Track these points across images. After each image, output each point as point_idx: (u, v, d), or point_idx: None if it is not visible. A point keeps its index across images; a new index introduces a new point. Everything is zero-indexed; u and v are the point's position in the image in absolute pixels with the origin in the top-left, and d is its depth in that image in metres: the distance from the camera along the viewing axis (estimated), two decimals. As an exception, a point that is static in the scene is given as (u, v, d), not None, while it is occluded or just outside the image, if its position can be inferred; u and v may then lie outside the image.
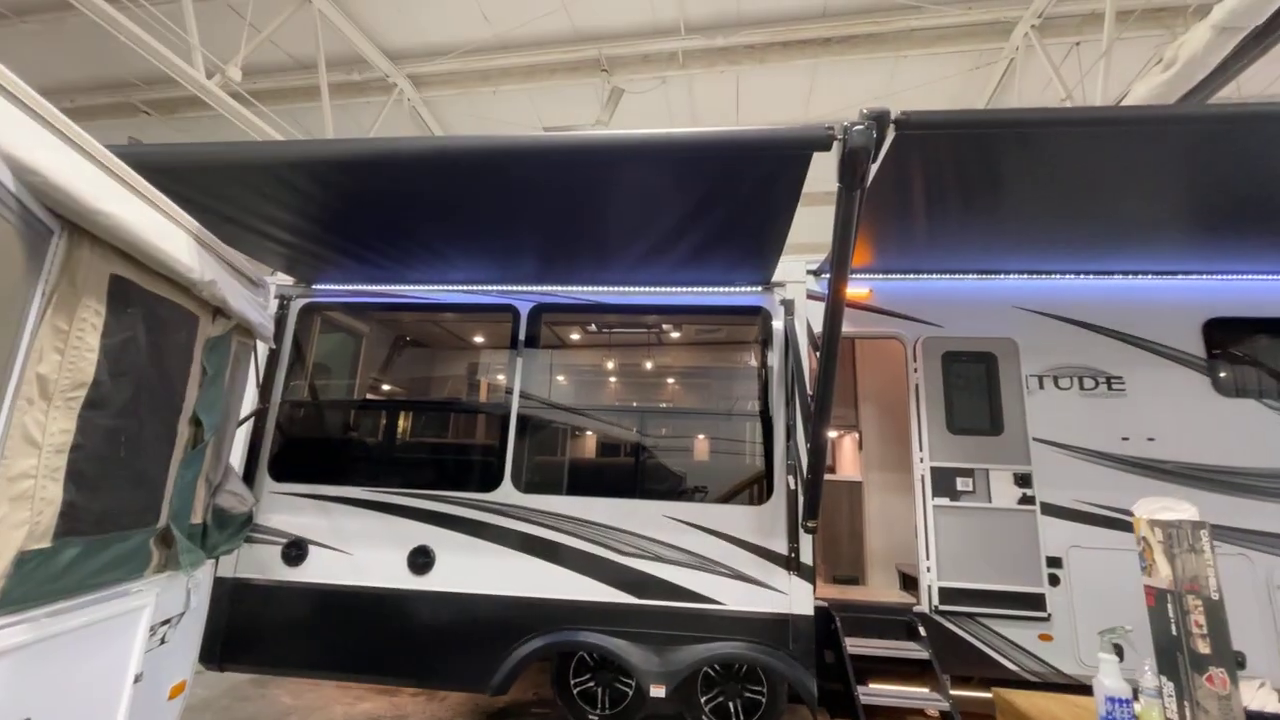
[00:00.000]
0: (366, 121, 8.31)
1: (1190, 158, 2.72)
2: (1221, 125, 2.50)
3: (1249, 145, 2.60)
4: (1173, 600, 1.59)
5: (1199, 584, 1.58)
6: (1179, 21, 5.86)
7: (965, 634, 3.73)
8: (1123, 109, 3.06)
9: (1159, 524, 1.68)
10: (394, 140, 2.55)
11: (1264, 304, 4.04)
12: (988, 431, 4.04)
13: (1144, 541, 1.75)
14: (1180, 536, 1.63)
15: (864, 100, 7.68)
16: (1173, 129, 2.53)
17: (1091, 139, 2.56)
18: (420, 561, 3.63)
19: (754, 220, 2.92)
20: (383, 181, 2.79)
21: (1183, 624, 1.56)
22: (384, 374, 4.74)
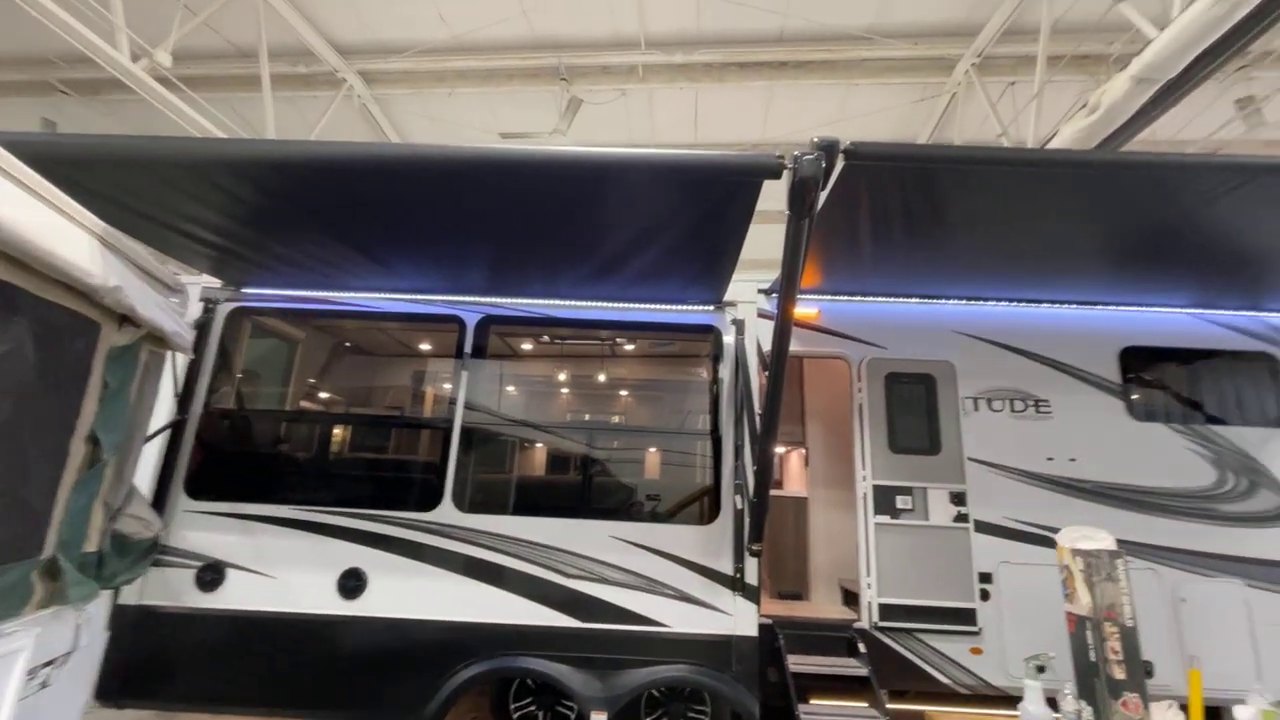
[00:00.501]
0: (313, 116, 7.96)
1: (1107, 199, 2.90)
2: (1129, 171, 2.67)
3: (1156, 190, 2.78)
4: (1091, 627, 1.65)
5: (1116, 611, 1.64)
6: (1102, 69, 6.31)
7: (902, 649, 3.81)
8: (1047, 152, 3.24)
9: (1080, 553, 1.74)
10: (336, 145, 2.42)
11: (1172, 335, 4.35)
12: (927, 451, 4.17)
13: (1066, 569, 1.81)
14: (1099, 565, 1.69)
15: (818, 123, 7.96)
16: (1090, 173, 2.69)
17: (1021, 178, 2.69)
18: (351, 585, 3.43)
19: (706, 241, 2.93)
20: (323, 187, 2.64)
21: (1100, 650, 1.61)
22: (319, 383, 4.50)
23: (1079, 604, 1.69)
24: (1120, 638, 1.61)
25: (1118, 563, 1.67)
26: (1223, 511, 3.99)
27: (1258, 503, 3.99)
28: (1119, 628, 1.61)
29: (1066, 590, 1.78)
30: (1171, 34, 3.84)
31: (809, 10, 6.31)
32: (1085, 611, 1.66)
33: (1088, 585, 1.67)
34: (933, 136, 7.86)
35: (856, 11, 6.31)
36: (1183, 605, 3.84)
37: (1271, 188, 2.60)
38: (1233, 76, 6.13)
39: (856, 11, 6.31)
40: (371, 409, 4.28)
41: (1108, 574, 1.66)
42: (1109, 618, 1.62)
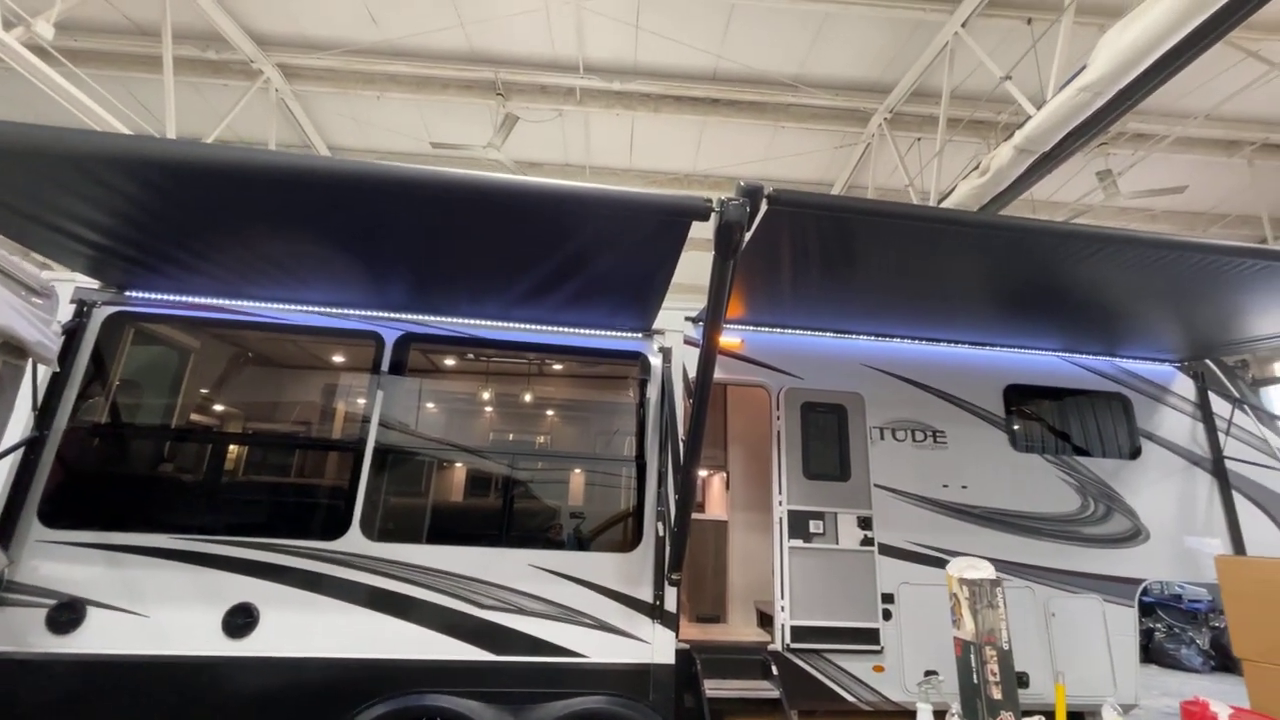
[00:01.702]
0: (222, 105, 7.42)
1: (990, 254, 3.24)
2: (1006, 233, 3.00)
3: (1028, 250, 3.14)
4: (974, 651, 1.79)
5: (995, 636, 1.79)
6: (992, 135, 7.09)
7: (812, 669, 3.96)
8: (942, 211, 3.60)
9: (967, 582, 1.89)
10: (244, 152, 2.24)
11: (1045, 375, 4.88)
12: (837, 477, 4.40)
13: (954, 597, 1.95)
14: (981, 594, 1.84)
15: (747, 159, 8.36)
16: (974, 232, 2.99)
17: (920, 231, 2.95)
18: (240, 622, 3.12)
19: (636, 272, 2.98)
20: (227, 194, 2.45)
21: (981, 672, 1.76)
22: (213, 398, 4.11)
23: (965, 629, 1.84)
24: (998, 660, 1.76)
25: (997, 590, 1.84)
26: (1085, 534, 4.48)
27: (1113, 526, 4.53)
28: (997, 651, 1.77)
29: (954, 617, 1.93)
30: (1046, 113, 4.40)
31: (740, 54, 6.65)
32: (969, 636, 1.81)
33: (972, 612, 1.82)
34: (850, 180, 8.46)
35: (784, 60, 6.73)
36: (1053, 619, 4.27)
37: (1117, 256, 3.01)
38: (1095, 152, 7.07)
39: (784, 60, 6.73)
40: (273, 427, 3.94)
41: (989, 601, 1.82)
42: (989, 642, 1.78)
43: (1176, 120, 6.92)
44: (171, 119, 6.30)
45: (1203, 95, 6.54)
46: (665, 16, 6.23)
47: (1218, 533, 4.68)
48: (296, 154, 2.20)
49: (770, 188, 2.52)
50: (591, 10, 6.20)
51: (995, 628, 1.79)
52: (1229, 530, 4.65)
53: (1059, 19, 4.87)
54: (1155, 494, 4.67)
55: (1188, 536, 4.65)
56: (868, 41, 6.41)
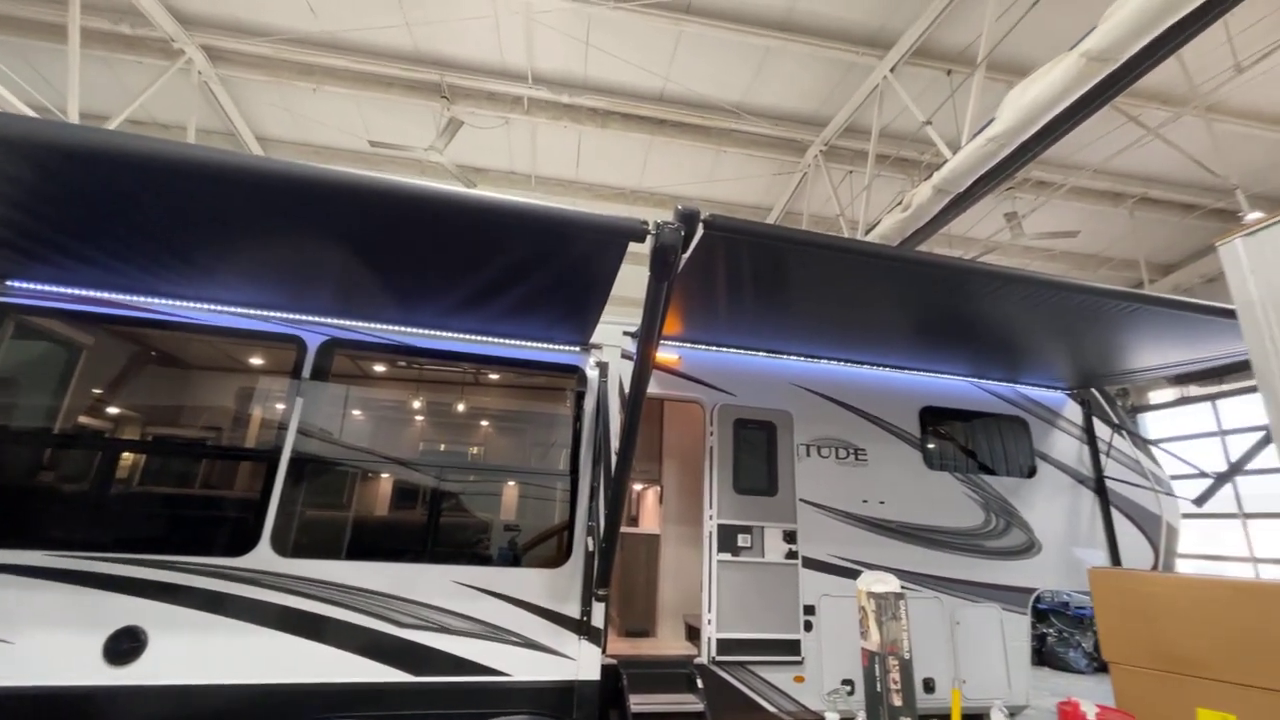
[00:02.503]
0: (135, 84, 6.90)
1: (908, 285, 3.48)
2: (920, 267, 3.24)
3: (940, 284, 3.40)
4: (879, 661, 1.90)
5: (897, 646, 1.91)
6: (916, 172, 7.62)
7: (737, 682, 4.04)
8: (864, 243, 3.84)
9: (874, 595, 2.00)
10: (159, 143, 2.08)
11: (956, 398, 5.25)
12: (765, 492, 4.54)
13: (863, 610, 2.06)
14: (887, 606, 1.96)
15: (692, 179, 8.58)
16: (892, 265, 3.22)
17: (845, 261, 3.14)
18: (125, 648, 2.85)
19: (574, 286, 3.00)
20: (136, 185, 2.28)
21: (884, 681, 1.86)
22: (107, 400, 3.75)
23: (871, 641, 1.95)
24: (900, 669, 1.87)
25: (901, 603, 1.96)
26: (986, 547, 4.83)
27: (1011, 540, 4.90)
28: (899, 661, 1.88)
29: (863, 629, 2.04)
30: (960, 158, 4.80)
31: (687, 79, 6.86)
32: (875, 647, 1.92)
33: (878, 624, 1.93)
34: (787, 206, 8.85)
35: (728, 88, 6.99)
36: (957, 627, 4.56)
37: (1016, 292, 3.31)
38: (1003, 195, 7.75)
39: (728, 88, 6.99)
40: (175, 433, 3.63)
41: (893, 614, 1.94)
42: (892, 652, 1.89)
43: (1072, 171, 7.70)
44: (74, 95, 5.79)
45: (1094, 151, 7.32)
46: (615, 36, 6.34)
47: (1099, 545, 5.17)
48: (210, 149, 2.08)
49: (706, 213, 2.61)
50: (542, 23, 6.22)
51: (898, 638, 1.91)
52: (1108, 543, 5.15)
53: (971, 74, 5.34)
54: (1047, 510, 5.11)
55: (1074, 549, 5.11)
56: (806, 77, 6.77)
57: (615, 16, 6.00)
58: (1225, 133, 6.64)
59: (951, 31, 5.90)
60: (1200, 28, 3.60)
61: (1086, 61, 3.63)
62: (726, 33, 6.06)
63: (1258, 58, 5.40)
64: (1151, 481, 5.48)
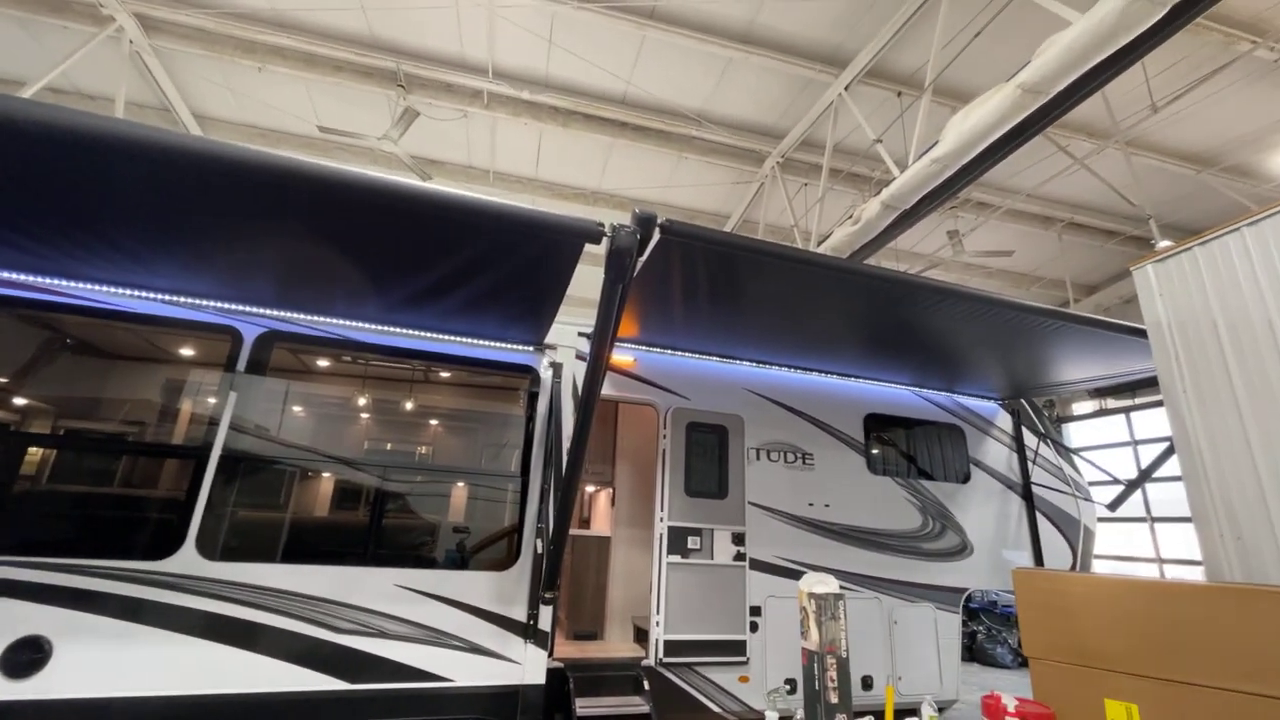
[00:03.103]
0: (58, 49, 6.39)
1: (854, 296, 3.61)
2: (866, 280, 3.36)
3: (885, 296, 3.54)
4: (817, 660, 1.95)
5: (835, 645, 1.96)
6: (867, 187, 7.92)
7: (683, 683, 4.08)
8: (815, 255, 3.94)
9: (815, 596, 2.05)
10: (85, 116, 1.93)
11: (898, 405, 5.47)
12: (715, 495, 4.61)
13: (804, 610, 2.12)
14: (826, 606, 2.01)
15: (652, 183, 8.63)
16: (840, 276, 3.33)
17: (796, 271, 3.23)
18: (25, 659, 2.62)
19: (528, 286, 2.96)
20: (51, 158, 2.11)
21: (822, 679, 1.91)
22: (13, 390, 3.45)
23: (811, 640, 2.00)
24: (837, 668, 1.93)
25: (840, 604, 2.02)
26: (924, 549, 5.05)
27: (946, 542, 5.15)
28: (837, 659, 1.94)
29: (803, 629, 2.10)
30: (907, 176, 5.02)
31: (648, 83, 6.90)
32: (814, 646, 1.97)
33: (818, 624, 1.99)
34: (744, 214, 9.02)
35: (690, 95, 7.07)
36: (895, 626, 4.75)
37: (956, 307, 3.48)
38: (946, 213, 8.15)
39: (690, 95, 7.07)
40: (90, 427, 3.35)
41: (832, 614, 2.00)
42: (830, 651, 1.95)
43: (1008, 194, 8.17)
44: (-15, 57, 5.31)
45: (1027, 176, 7.80)
46: (579, 36, 6.32)
47: (1025, 547, 5.50)
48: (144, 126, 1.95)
49: (663, 218, 2.64)
50: (505, 18, 6.13)
51: (836, 638, 1.97)
52: (1032, 545, 5.48)
53: (919, 97, 5.60)
54: (979, 513, 5.39)
55: (1003, 550, 5.41)
56: (765, 90, 6.93)
57: (579, 16, 5.98)
58: (1142, 166, 7.21)
59: (903, 55, 6.17)
60: (1121, 68, 3.91)
61: (1021, 93, 3.87)
62: (689, 41, 6.13)
63: (1170, 99, 5.88)
64: (1072, 487, 5.87)
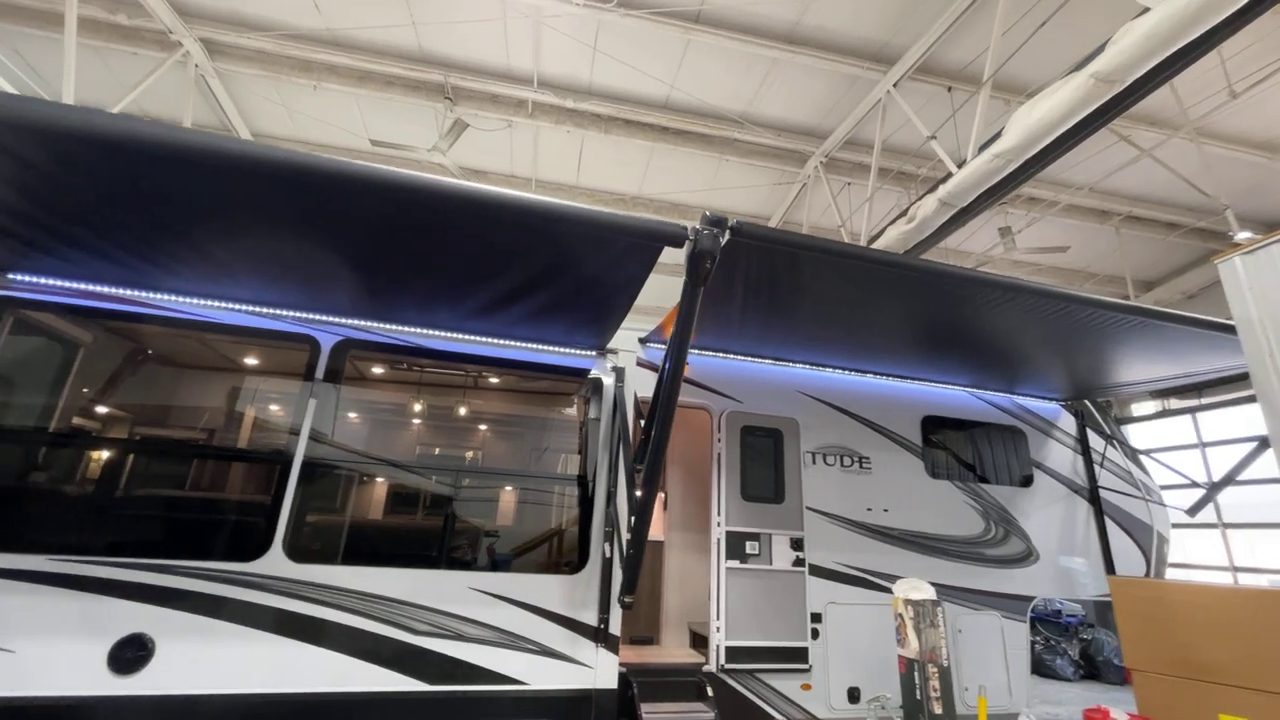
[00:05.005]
0: (128, 76, 6.74)
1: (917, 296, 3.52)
2: (939, 278, 3.26)
3: (954, 293, 3.44)
4: (918, 669, 1.90)
5: (936, 654, 1.91)
6: (913, 185, 7.76)
7: (745, 690, 4.03)
8: (895, 255, 3.87)
9: (911, 602, 2.01)
10: (178, 132, 2.03)
11: (956, 407, 5.33)
12: (772, 500, 4.55)
13: (899, 617, 2.07)
14: (925, 613, 1.96)
15: (692, 187, 8.63)
16: (913, 275, 3.24)
17: (862, 271, 3.17)
18: (131, 656, 2.75)
19: (600, 293, 2.99)
20: (152, 173, 2.22)
21: (924, 689, 1.87)
22: (107, 400, 3.63)
23: (909, 648, 1.95)
24: (939, 677, 1.88)
25: (938, 610, 1.97)
26: (986, 555, 4.90)
27: (1009, 548, 4.98)
28: (938, 668, 1.89)
29: (899, 636, 2.05)
30: (965, 173, 4.90)
31: (692, 87, 6.91)
32: (913, 654, 1.93)
33: (916, 631, 1.94)
34: (785, 216, 8.94)
35: (733, 98, 7.05)
36: (959, 635, 4.61)
37: (1024, 305, 3.37)
38: (998, 209, 7.92)
39: (733, 98, 7.05)
40: (182, 435, 3.51)
41: (931, 621, 1.95)
42: (931, 660, 1.90)
43: (1063, 189, 7.90)
44: (70, 85, 5.63)
45: (1083, 169, 7.52)
46: (624, 41, 6.37)
47: (1093, 554, 5.28)
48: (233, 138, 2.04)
49: (734, 220, 2.63)
50: (551, 27, 6.22)
51: (936, 646, 1.92)
52: (1102, 552, 5.26)
53: (977, 91, 5.47)
54: (1044, 518, 5.20)
55: (1069, 557, 5.21)
56: (809, 90, 6.86)
57: (625, 23, 6.03)
58: (1213, 155, 6.88)
59: (954, 49, 6.03)
60: (1201, 53, 3.74)
61: (1095, 82, 3.74)
62: (734, 43, 6.12)
63: (1249, 83, 5.61)
64: (1142, 491, 5.62)
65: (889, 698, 2.21)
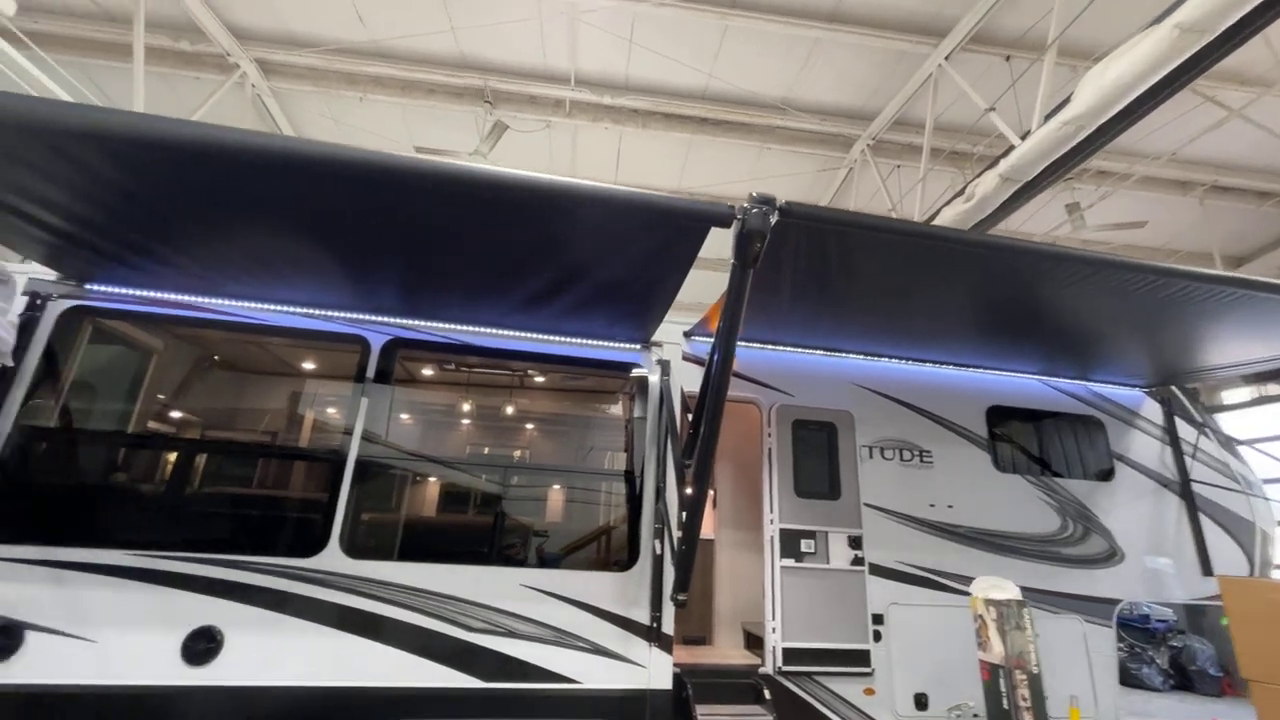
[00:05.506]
0: (192, 100, 7.11)
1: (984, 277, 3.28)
2: (1014, 255, 3.02)
3: (1021, 273, 3.18)
4: (1004, 675, 1.73)
5: (1024, 660, 1.74)
6: (967, 164, 7.35)
7: (804, 693, 3.87)
8: (957, 232, 3.64)
9: (993, 603, 1.83)
10: (242, 133, 2.09)
11: (1027, 397, 4.99)
12: (828, 496, 4.36)
13: (980, 619, 1.90)
14: (1009, 615, 1.79)
15: (733, 178, 8.44)
16: (982, 253, 3.01)
17: (921, 250, 2.96)
18: (202, 648, 2.85)
19: (643, 281, 2.91)
20: (211, 177, 2.28)
21: (1012, 697, 1.70)
22: (177, 403, 3.82)
23: (992, 653, 1.79)
24: (1028, 685, 1.71)
25: (1024, 612, 1.80)
26: (1064, 555, 4.55)
27: (1090, 547, 4.61)
28: (1027, 675, 1.72)
29: (980, 639, 1.88)
30: (1030, 144, 4.57)
31: (731, 75, 6.75)
32: (998, 660, 1.76)
33: (1000, 634, 1.77)
34: (831, 203, 8.64)
35: (773, 83, 6.85)
36: (1036, 640, 4.29)
37: (1109, 280, 3.08)
38: (1062, 186, 7.41)
39: (773, 83, 6.85)
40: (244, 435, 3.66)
41: (1016, 623, 1.78)
42: (1019, 666, 1.73)
43: (1137, 159, 7.31)
44: (140, 109, 5.99)
45: (1161, 137, 6.94)
46: (659, 32, 6.28)
47: (1185, 553, 4.83)
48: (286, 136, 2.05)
49: (783, 200, 2.49)
50: (586, 23, 6.20)
51: (1024, 650, 1.74)
52: (1197, 551, 4.81)
53: (1040, 56, 5.10)
54: (1128, 515, 4.79)
55: (1159, 557, 4.78)
56: (854, 70, 6.59)
57: (660, 13, 5.94)
58: (1308, 113, 6.22)
59: (1011, 16, 5.66)
60: (1305, -6, 3.34)
61: (1179, 33, 3.39)
62: (774, 25, 5.93)
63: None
64: (1242, 484, 5.11)
65: (970, 706, 2.03)
